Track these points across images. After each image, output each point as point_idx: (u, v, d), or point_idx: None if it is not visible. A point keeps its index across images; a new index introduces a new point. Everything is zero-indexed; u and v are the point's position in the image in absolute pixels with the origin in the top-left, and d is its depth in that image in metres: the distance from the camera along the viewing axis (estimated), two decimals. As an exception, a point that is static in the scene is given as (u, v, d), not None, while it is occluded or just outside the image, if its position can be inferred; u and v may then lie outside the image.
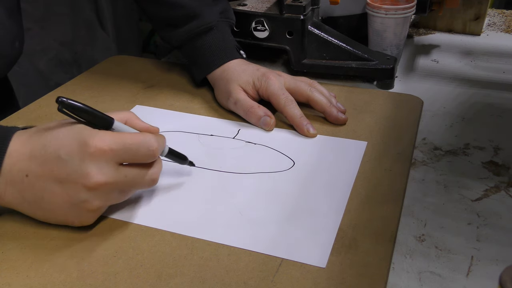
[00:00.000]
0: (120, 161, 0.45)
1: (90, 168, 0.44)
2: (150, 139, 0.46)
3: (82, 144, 0.44)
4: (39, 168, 0.45)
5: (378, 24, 0.78)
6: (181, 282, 0.43)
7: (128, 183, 0.47)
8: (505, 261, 0.46)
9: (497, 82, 0.77)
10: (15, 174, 0.45)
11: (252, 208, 0.51)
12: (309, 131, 0.62)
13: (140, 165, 0.47)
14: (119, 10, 1.95)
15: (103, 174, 0.44)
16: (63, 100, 0.43)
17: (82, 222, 0.47)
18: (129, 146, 0.45)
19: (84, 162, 0.44)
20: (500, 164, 0.59)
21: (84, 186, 0.44)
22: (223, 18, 0.74)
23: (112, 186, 0.45)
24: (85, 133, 0.44)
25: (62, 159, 0.44)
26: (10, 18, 0.67)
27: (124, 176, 0.46)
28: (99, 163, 0.44)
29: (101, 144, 0.44)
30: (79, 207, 0.45)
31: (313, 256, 0.45)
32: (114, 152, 0.44)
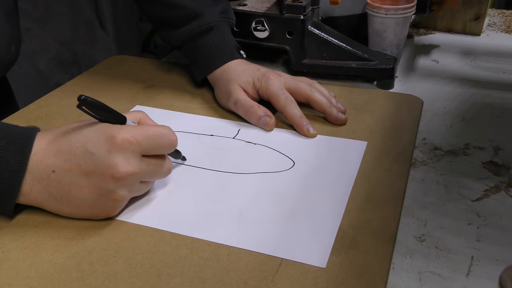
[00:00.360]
0: (143, 152, 0.48)
1: (118, 158, 0.46)
2: (170, 131, 0.50)
3: (108, 137, 0.46)
4: (65, 163, 0.47)
5: (378, 24, 0.78)
6: (181, 282, 0.43)
7: (150, 173, 0.49)
8: (505, 261, 0.46)
9: (497, 82, 0.77)
10: (42, 170, 0.47)
11: (252, 208, 0.51)
12: (309, 131, 0.62)
13: (158, 157, 0.50)
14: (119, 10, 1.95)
15: (129, 164, 0.46)
16: (86, 98, 0.45)
17: (107, 213, 0.49)
18: (152, 137, 0.48)
19: (111, 153, 0.46)
20: (500, 164, 0.59)
21: (111, 177, 0.46)
22: (223, 18, 0.74)
23: (137, 176, 0.48)
24: (110, 127, 0.47)
25: (89, 152, 0.46)
26: (7, 21, 0.67)
27: (146, 166, 0.48)
28: (126, 153, 0.46)
29: (127, 135, 0.46)
30: (105, 197, 0.47)
31: (313, 256, 0.45)
32: (139, 143, 0.47)
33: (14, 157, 0.46)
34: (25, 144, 0.47)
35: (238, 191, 0.54)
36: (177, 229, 0.49)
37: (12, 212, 0.49)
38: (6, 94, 0.82)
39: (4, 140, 0.46)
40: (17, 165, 0.46)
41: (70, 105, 0.71)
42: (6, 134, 0.47)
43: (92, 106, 0.46)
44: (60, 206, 0.49)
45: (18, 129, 0.48)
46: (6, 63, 0.71)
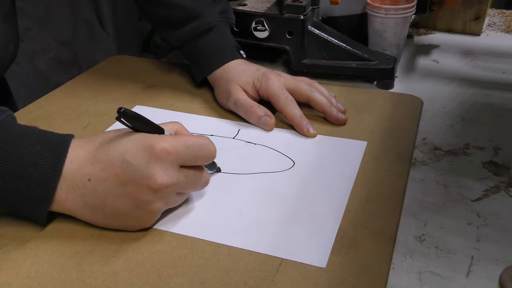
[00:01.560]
0: (182, 162, 0.47)
1: (156, 169, 0.45)
2: (209, 142, 0.49)
3: (147, 147, 0.45)
4: (102, 172, 0.46)
5: (378, 24, 0.78)
6: (181, 282, 0.43)
7: (187, 184, 0.48)
8: (505, 261, 0.46)
9: (497, 82, 0.77)
10: (78, 179, 0.46)
11: (252, 208, 0.51)
12: (309, 131, 0.62)
13: (196, 168, 0.49)
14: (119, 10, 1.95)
15: (167, 175, 0.45)
16: (126, 110, 0.45)
17: (142, 225, 0.48)
18: (191, 148, 0.47)
19: (150, 164, 0.45)
20: (500, 164, 0.59)
21: (148, 188, 0.45)
22: (223, 18, 0.74)
23: (174, 188, 0.47)
24: (149, 137, 0.46)
25: (127, 162, 0.45)
26: (4, 22, 0.67)
27: (184, 177, 0.47)
28: (164, 164, 0.45)
29: (166, 145, 0.45)
30: (141, 209, 0.46)
31: (313, 256, 0.45)
32: (179, 153, 0.46)
33: (49, 163, 0.45)
34: (61, 150, 0.46)
35: (238, 191, 0.54)
36: (177, 229, 0.49)
37: (45, 220, 0.47)
38: (5, 94, 0.82)
39: (39, 145, 0.46)
40: (52, 171, 0.45)
41: (70, 105, 0.71)
42: (40, 139, 0.46)
43: (131, 118, 0.46)
44: (95, 216, 0.48)
45: (53, 135, 0.48)
46: (4, 63, 0.71)
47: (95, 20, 1.87)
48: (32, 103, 0.71)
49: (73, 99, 0.73)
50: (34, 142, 0.46)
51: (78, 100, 0.72)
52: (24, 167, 0.45)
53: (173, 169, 0.46)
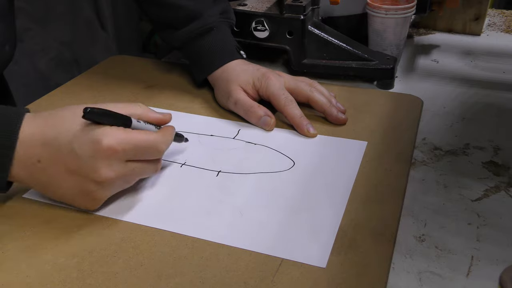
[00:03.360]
0: (129, 158, 0.48)
1: (101, 164, 0.46)
2: (160, 141, 0.50)
3: (95, 142, 0.46)
4: (51, 156, 0.47)
5: (378, 24, 0.78)
6: (181, 282, 0.43)
7: (134, 175, 0.50)
8: (505, 261, 0.46)
9: (497, 82, 0.77)
10: (27, 159, 0.47)
11: (252, 208, 0.51)
12: (309, 131, 0.62)
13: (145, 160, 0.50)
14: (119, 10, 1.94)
15: (113, 170, 0.47)
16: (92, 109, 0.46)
17: (87, 207, 0.50)
18: (139, 147, 0.48)
19: (95, 159, 0.46)
20: (500, 164, 0.59)
21: (93, 180, 0.47)
22: (223, 18, 0.74)
23: (119, 180, 0.48)
24: (98, 131, 0.46)
25: (75, 152, 0.46)
26: (1, 22, 0.66)
27: (131, 170, 0.49)
28: (110, 160, 0.46)
29: (113, 142, 0.46)
30: (86, 195, 0.48)
31: (314, 256, 0.45)
32: (125, 151, 0.47)
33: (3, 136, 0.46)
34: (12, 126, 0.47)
35: (238, 191, 0.54)
36: (177, 229, 0.49)
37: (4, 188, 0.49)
38: (4, 94, 0.82)
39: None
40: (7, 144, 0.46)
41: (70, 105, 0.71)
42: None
43: (98, 115, 0.46)
44: (45, 192, 0.50)
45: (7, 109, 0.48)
46: (1, 63, 0.71)
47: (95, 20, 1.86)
48: (32, 103, 0.71)
49: (73, 99, 0.73)
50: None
51: (78, 100, 0.72)
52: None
53: (119, 164, 0.47)
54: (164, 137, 0.51)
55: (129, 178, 0.50)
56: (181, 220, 0.50)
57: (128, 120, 0.49)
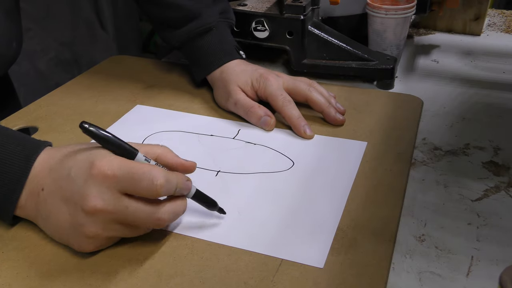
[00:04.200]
0: (122, 189, 0.42)
1: (90, 190, 0.42)
2: (157, 172, 0.42)
3: (89, 165, 0.42)
4: (52, 183, 0.44)
5: (378, 24, 0.78)
6: (181, 282, 0.43)
7: (129, 217, 0.43)
8: (505, 261, 0.46)
9: (497, 82, 0.77)
10: (35, 186, 0.45)
11: (252, 208, 0.51)
12: (306, 132, 0.62)
13: (147, 200, 0.43)
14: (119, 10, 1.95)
15: (102, 199, 0.42)
16: (85, 126, 0.42)
17: (80, 247, 0.45)
18: (132, 175, 0.42)
19: (86, 183, 0.42)
20: (500, 164, 0.59)
21: (82, 209, 0.42)
22: (223, 18, 0.74)
23: (110, 215, 0.42)
24: (96, 154, 0.43)
25: (71, 177, 0.43)
26: (7, 19, 0.67)
27: (124, 207, 0.42)
28: (101, 187, 0.42)
29: (106, 167, 0.42)
30: (77, 230, 0.43)
31: (312, 256, 0.45)
32: (117, 178, 0.42)
33: (18, 164, 0.45)
34: (32, 152, 0.46)
35: (238, 191, 0.54)
36: (177, 229, 0.49)
37: (11, 220, 0.47)
38: (8, 92, 0.82)
39: (13, 145, 0.46)
40: (19, 172, 0.45)
41: (70, 105, 0.71)
42: (17, 140, 0.46)
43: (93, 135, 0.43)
44: (44, 226, 0.47)
45: (30, 139, 0.48)
46: (7, 60, 0.71)
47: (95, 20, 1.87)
48: (32, 103, 0.71)
49: (73, 99, 0.73)
50: (10, 141, 0.46)
51: (78, 100, 0.72)
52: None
53: (110, 195, 0.42)
54: (167, 175, 0.43)
55: (123, 218, 0.43)
56: (181, 220, 0.50)
57: (131, 154, 0.44)
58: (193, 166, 0.49)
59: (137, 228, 0.45)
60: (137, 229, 0.46)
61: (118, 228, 0.44)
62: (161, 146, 0.48)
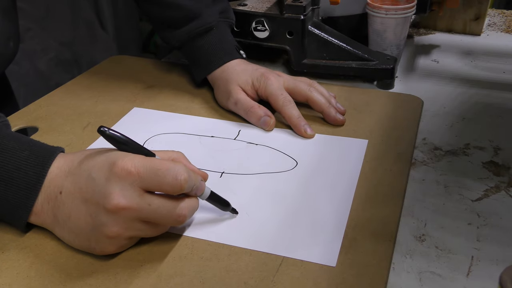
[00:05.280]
0: (145, 186, 0.43)
1: (113, 188, 0.42)
2: (181, 168, 0.43)
3: (110, 164, 0.43)
4: (71, 185, 0.44)
5: (378, 24, 0.78)
6: (181, 282, 0.43)
7: (151, 214, 0.43)
8: (505, 261, 0.46)
9: (497, 82, 0.77)
10: (52, 190, 0.45)
11: (256, 209, 0.51)
12: (306, 131, 0.62)
13: (168, 197, 0.44)
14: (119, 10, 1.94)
15: (124, 197, 0.42)
16: (104, 130, 0.43)
17: (102, 249, 0.44)
18: (156, 172, 0.42)
19: (109, 181, 0.42)
20: (500, 164, 0.59)
21: (104, 208, 0.42)
22: (223, 18, 0.74)
23: (133, 213, 0.42)
24: (116, 154, 0.44)
25: (91, 177, 0.43)
26: (4, 17, 0.67)
27: (147, 205, 0.43)
28: (123, 184, 0.42)
29: (129, 165, 0.42)
30: (98, 231, 0.43)
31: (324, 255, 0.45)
32: (140, 175, 0.42)
33: (33, 170, 0.45)
34: (47, 158, 0.45)
35: (241, 192, 0.53)
36: (177, 229, 0.49)
37: (24, 227, 0.47)
38: (6, 92, 0.82)
39: (27, 151, 0.45)
40: (35, 178, 0.45)
41: (70, 105, 0.71)
42: (29, 146, 0.46)
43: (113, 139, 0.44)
44: (63, 232, 0.46)
45: (43, 145, 0.47)
46: (5, 59, 0.71)
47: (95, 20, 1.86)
48: (32, 103, 0.71)
49: (73, 99, 0.73)
50: (23, 148, 0.45)
51: (78, 100, 0.72)
52: (8, 172, 0.44)
53: (133, 192, 0.42)
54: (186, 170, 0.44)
55: (145, 216, 0.43)
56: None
57: (150, 154, 0.45)
58: (205, 176, 0.50)
59: (157, 226, 0.45)
60: (157, 228, 0.45)
61: (140, 227, 0.44)
62: (176, 151, 0.49)
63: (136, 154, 0.44)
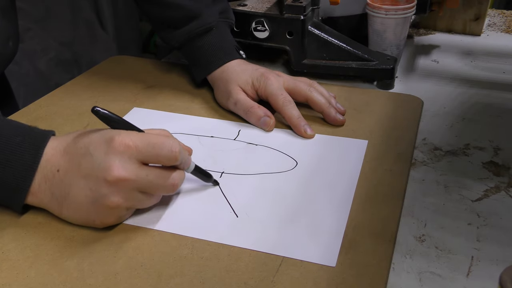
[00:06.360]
0: (142, 159, 0.46)
1: (113, 161, 0.45)
2: (174, 142, 0.47)
3: (108, 140, 0.46)
4: (68, 163, 0.47)
5: (378, 24, 0.78)
6: (181, 282, 0.43)
7: (149, 184, 0.47)
8: (505, 261, 0.46)
9: (497, 82, 0.77)
10: (49, 169, 0.47)
11: (256, 209, 0.51)
12: (306, 132, 0.62)
13: (162, 168, 0.48)
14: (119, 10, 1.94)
15: (124, 169, 0.45)
16: (98, 110, 0.46)
17: (103, 221, 0.47)
18: (152, 145, 0.46)
19: (108, 155, 0.45)
20: (500, 164, 0.59)
21: (105, 180, 0.45)
22: (223, 18, 0.74)
23: (132, 184, 0.46)
24: (113, 131, 0.47)
25: (89, 153, 0.46)
26: (3, 17, 0.67)
27: (145, 175, 0.46)
28: (122, 157, 0.45)
29: (127, 139, 0.46)
30: (99, 203, 0.46)
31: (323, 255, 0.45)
32: (138, 149, 0.46)
33: (28, 152, 0.47)
34: (41, 141, 0.48)
35: (241, 192, 0.53)
36: (177, 229, 0.49)
37: (21, 208, 0.49)
38: (5, 92, 0.82)
39: (20, 137, 0.47)
40: (31, 159, 0.47)
41: (70, 105, 0.71)
42: (22, 132, 0.48)
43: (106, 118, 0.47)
44: (60, 209, 0.48)
45: (35, 129, 0.49)
46: (4, 59, 0.71)
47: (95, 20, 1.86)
48: (32, 103, 0.71)
49: (73, 99, 0.73)
50: (17, 133, 0.48)
51: (78, 100, 0.72)
52: (4, 155, 0.46)
53: (132, 164, 0.45)
54: (178, 143, 0.48)
55: (144, 186, 0.47)
56: (181, 220, 0.50)
57: (140, 131, 0.48)
58: (190, 151, 0.55)
59: (151, 196, 0.49)
60: (152, 198, 0.49)
61: (137, 197, 0.47)
62: (162, 129, 0.51)
63: (130, 131, 0.47)
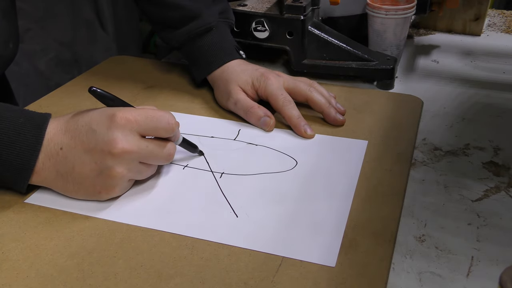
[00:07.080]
0: (142, 132, 0.50)
1: (116, 135, 0.48)
2: (170, 115, 0.52)
3: (110, 116, 0.49)
4: (71, 140, 0.50)
5: (378, 25, 0.78)
6: (181, 282, 0.43)
7: (149, 154, 0.51)
8: (505, 261, 0.46)
9: (497, 82, 0.78)
10: (52, 148, 0.50)
11: (256, 209, 0.51)
12: (306, 132, 0.62)
13: (158, 140, 0.52)
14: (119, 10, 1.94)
15: (127, 141, 0.49)
16: (95, 89, 0.51)
17: (108, 191, 0.51)
18: (152, 118, 0.51)
19: (111, 129, 0.49)
20: (500, 164, 0.59)
21: (109, 153, 0.48)
22: (223, 18, 0.74)
23: (134, 155, 0.50)
24: (112, 108, 0.51)
25: (92, 129, 0.49)
26: (3, 19, 0.67)
27: (145, 146, 0.50)
28: (124, 131, 0.49)
29: (128, 114, 0.49)
30: (104, 174, 0.49)
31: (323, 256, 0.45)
32: (138, 122, 0.50)
33: (32, 133, 0.49)
34: (42, 122, 0.50)
35: (241, 192, 0.53)
36: (177, 229, 0.49)
37: (25, 187, 0.51)
38: (6, 92, 0.82)
39: (23, 119, 0.50)
40: (34, 140, 0.49)
41: (70, 105, 0.71)
42: (24, 114, 0.50)
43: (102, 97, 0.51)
44: (65, 184, 0.51)
45: (33, 112, 0.52)
46: (4, 61, 0.71)
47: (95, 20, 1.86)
48: (32, 103, 0.71)
49: (73, 99, 0.73)
50: (18, 115, 0.50)
51: (78, 100, 0.72)
52: (9, 137, 0.48)
53: (134, 137, 0.49)
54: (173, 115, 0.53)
55: (144, 157, 0.51)
56: (181, 220, 0.50)
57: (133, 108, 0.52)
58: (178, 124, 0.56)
59: (149, 167, 0.53)
60: (150, 168, 0.53)
61: (138, 168, 0.51)
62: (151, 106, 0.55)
63: (128, 107, 0.52)
